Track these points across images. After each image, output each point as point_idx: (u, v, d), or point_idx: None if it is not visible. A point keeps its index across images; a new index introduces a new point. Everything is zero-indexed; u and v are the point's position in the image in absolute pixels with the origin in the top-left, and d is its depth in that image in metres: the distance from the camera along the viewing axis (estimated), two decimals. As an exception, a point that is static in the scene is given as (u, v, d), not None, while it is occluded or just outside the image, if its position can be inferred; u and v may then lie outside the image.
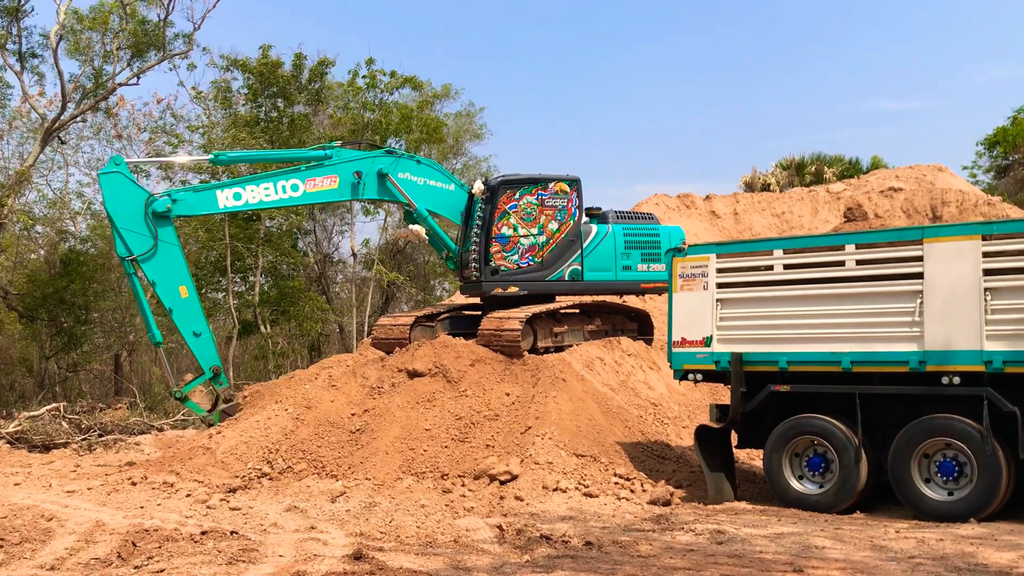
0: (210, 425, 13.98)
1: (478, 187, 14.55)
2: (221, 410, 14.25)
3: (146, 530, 8.77)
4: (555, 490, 10.64)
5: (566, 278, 14.68)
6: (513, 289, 14.40)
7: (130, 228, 13.56)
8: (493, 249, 14.31)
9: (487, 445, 11.74)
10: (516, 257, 14.42)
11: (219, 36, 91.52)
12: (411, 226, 15.18)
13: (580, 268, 14.75)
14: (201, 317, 14.18)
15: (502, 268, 14.37)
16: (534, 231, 14.49)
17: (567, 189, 14.74)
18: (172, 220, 13.87)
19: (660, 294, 15.09)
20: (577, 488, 10.75)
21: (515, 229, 14.41)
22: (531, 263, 14.51)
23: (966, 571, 6.97)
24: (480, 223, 14.38)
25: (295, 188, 14.26)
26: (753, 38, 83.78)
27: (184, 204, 13.87)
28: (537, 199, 14.54)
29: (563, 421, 11.85)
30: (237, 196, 14.04)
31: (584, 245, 14.81)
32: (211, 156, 15.14)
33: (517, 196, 14.45)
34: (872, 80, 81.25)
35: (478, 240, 14.37)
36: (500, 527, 8.89)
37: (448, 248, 15.07)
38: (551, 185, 14.66)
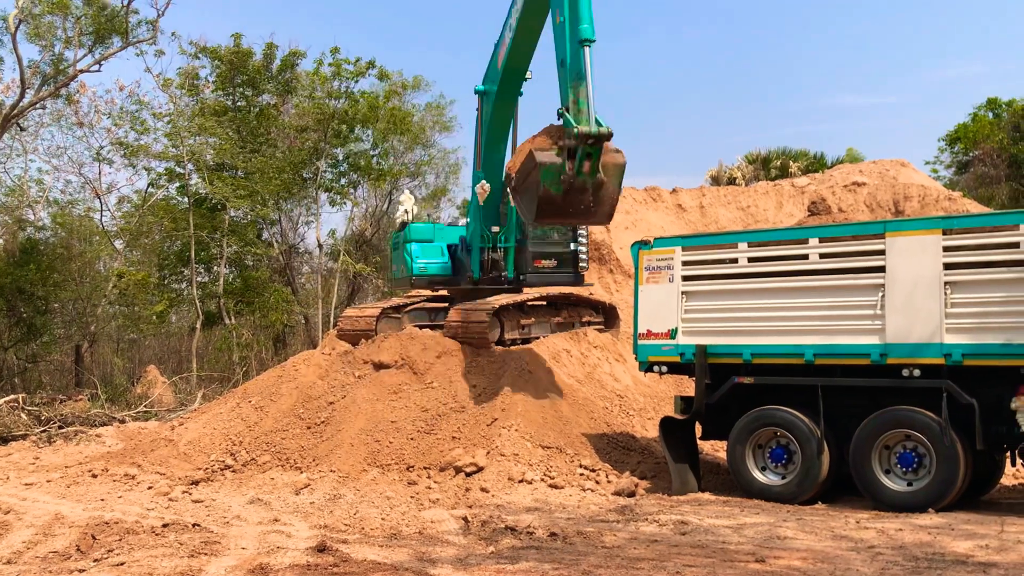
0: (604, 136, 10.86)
1: None
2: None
3: (106, 523, 8.66)
4: (521, 481, 10.65)
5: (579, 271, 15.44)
6: (589, 282, 15.31)
7: None
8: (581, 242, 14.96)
9: (453, 437, 11.71)
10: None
11: (185, 23, 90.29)
12: (482, 182, 14.55)
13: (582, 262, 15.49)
14: None
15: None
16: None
17: None
18: None
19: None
20: (543, 479, 10.77)
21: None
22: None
23: (924, 560, 7.08)
24: None
25: None
26: (720, 33, 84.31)
27: None
28: None
29: (529, 413, 11.86)
30: None
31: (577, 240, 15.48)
32: None
33: None
34: (837, 76, 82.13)
35: (583, 234, 14.89)
36: (465, 519, 8.88)
37: (493, 225, 14.05)
38: None
